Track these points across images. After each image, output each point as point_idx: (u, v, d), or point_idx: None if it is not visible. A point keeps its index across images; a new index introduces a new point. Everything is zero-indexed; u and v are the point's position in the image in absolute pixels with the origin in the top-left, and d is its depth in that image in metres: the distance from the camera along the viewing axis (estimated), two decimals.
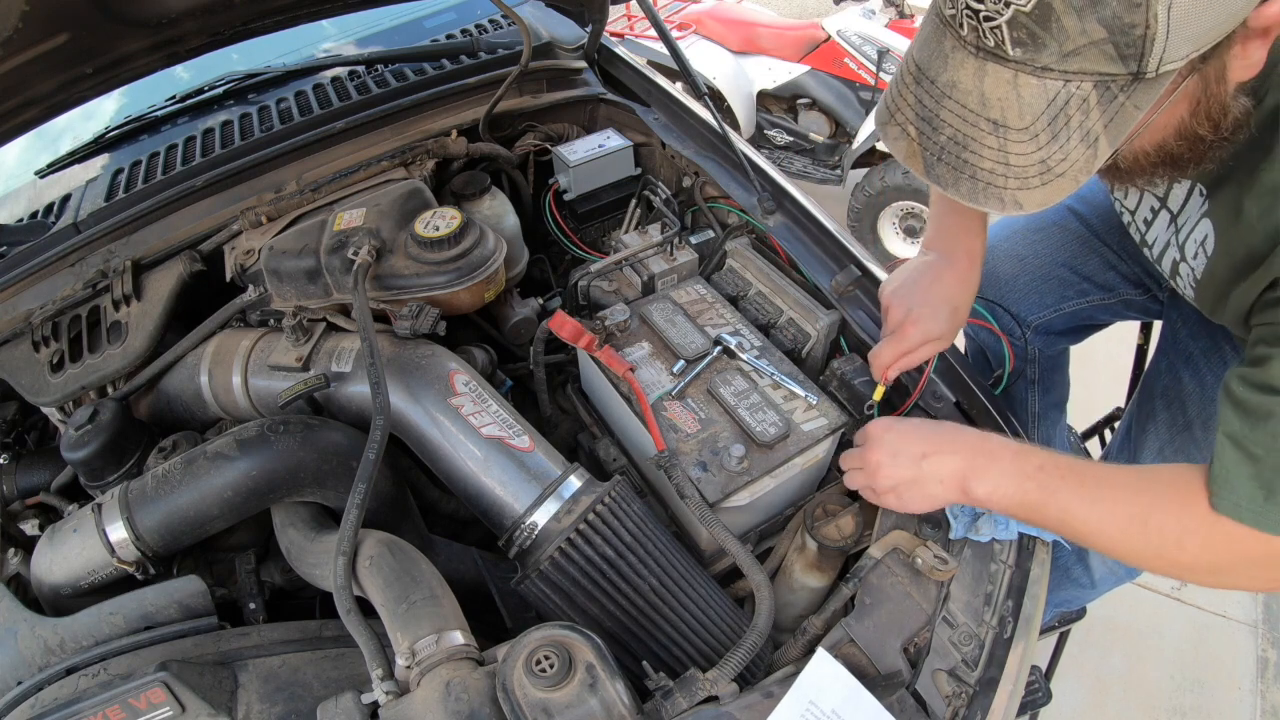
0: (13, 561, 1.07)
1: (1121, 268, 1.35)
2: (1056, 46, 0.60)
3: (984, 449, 0.93)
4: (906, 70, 0.72)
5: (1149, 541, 0.82)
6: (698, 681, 0.79)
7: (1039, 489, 0.88)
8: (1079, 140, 0.64)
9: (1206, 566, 0.81)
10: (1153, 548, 0.82)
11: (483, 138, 1.53)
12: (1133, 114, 0.63)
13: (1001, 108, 0.65)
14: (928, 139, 0.70)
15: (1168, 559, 0.83)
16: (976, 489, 0.91)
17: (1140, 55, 0.59)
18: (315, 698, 0.79)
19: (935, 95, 0.69)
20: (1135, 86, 0.62)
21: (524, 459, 0.96)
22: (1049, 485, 0.88)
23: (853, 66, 3.35)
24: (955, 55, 0.66)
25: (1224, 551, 0.79)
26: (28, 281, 1.29)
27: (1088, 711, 2.01)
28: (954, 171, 0.69)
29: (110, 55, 1.08)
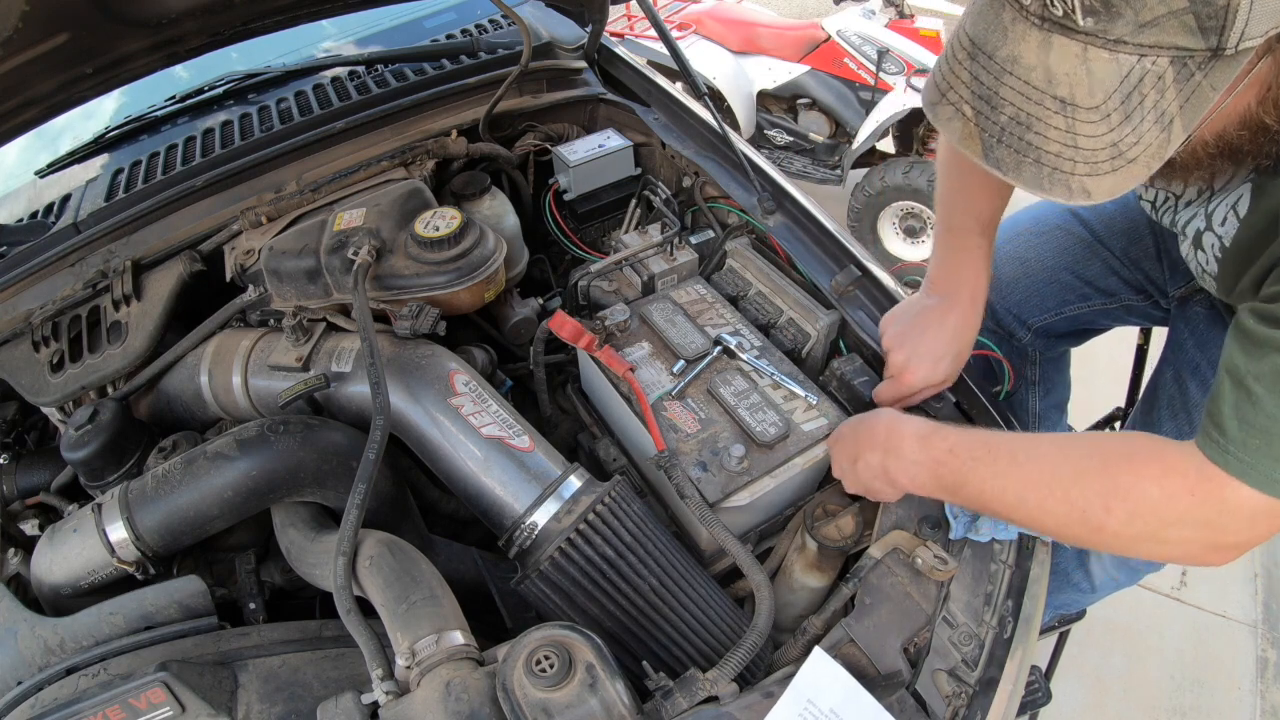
0: (13, 561, 1.07)
1: (1124, 273, 1.34)
2: (1133, 16, 0.56)
3: (891, 443, 0.94)
4: (958, 45, 0.67)
5: (1072, 508, 0.80)
6: (698, 681, 0.79)
7: (952, 472, 0.89)
8: (1153, 122, 0.60)
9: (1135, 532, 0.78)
10: (1076, 514, 0.80)
11: (483, 138, 1.53)
12: (1209, 95, 0.59)
13: (1070, 84, 0.60)
14: (986, 119, 0.65)
15: (1092, 524, 0.80)
16: (899, 480, 0.93)
17: (1221, 29, 0.55)
18: (315, 698, 0.79)
19: (994, 71, 0.64)
20: (1213, 65, 0.58)
21: (524, 459, 0.96)
22: (961, 467, 0.88)
23: (853, 66, 3.35)
24: (1016, 28, 0.61)
25: (1165, 507, 0.76)
26: (28, 281, 1.29)
27: (1088, 711, 2.01)
28: (1016, 155, 0.65)
29: (110, 55, 1.08)
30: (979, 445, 0.89)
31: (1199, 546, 0.78)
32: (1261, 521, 0.73)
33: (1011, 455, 0.86)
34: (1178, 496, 0.75)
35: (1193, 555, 0.80)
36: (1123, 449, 0.81)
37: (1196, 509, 0.75)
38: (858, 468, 0.98)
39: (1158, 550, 0.81)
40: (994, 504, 0.87)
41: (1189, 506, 0.75)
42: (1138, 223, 1.32)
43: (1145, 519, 0.77)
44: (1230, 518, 0.74)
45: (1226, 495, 0.73)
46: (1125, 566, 1.35)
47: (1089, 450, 0.82)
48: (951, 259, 1.13)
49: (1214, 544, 0.77)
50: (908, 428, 0.95)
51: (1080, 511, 0.80)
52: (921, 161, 3.17)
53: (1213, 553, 0.78)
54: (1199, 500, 0.74)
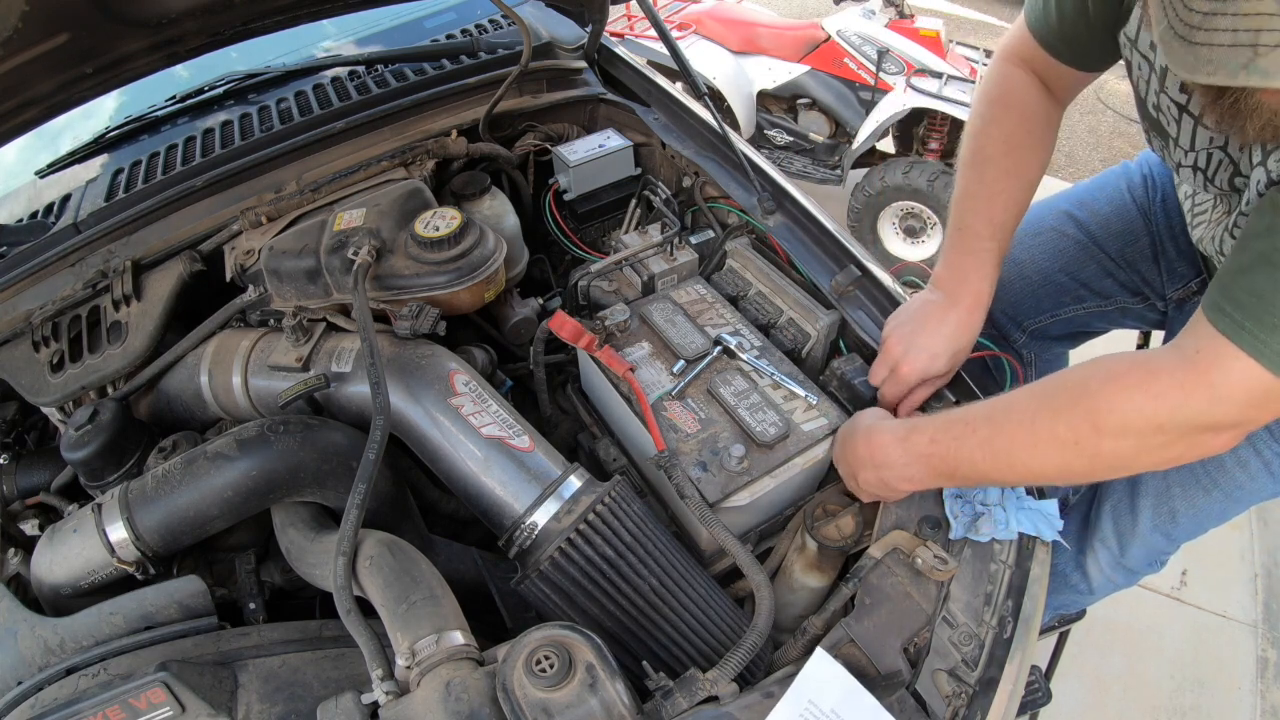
0: (13, 561, 1.07)
1: (1119, 275, 1.34)
2: None
3: (876, 456, 0.97)
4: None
5: (1063, 444, 0.80)
6: (698, 681, 0.79)
7: (942, 460, 0.91)
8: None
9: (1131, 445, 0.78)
10: (1070, 447, 0.80)
11: (483, 138, 1.53)
12: None
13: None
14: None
15: (1087, 452, 0.80)
16: (900, 487, 0.96)
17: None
18: (315, 698, 0.79)
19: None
20: None
21: (524, 459, 0.96)
22: (948, 453, 0.90)
23: (853, 66, 3.36)
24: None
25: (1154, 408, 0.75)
26: (28, 281, 1.29)
27: (1088, 711, 2.01)
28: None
29: (110, 55, 1.08)
30: (957, 424, 0.90)
31: (1201, 435, 0.77)
32: (1259, 399, 0.73)
33: (990, 420, 0.87)
34: (1165, 394, 0.76)
35: (1198, 447, 0.79)
36: (1097, 371, 0.81)
37: (1187, 400, 0.75)
38: (860, 484, 1.01)
39: (1164, 456, 0.80)
40: (994, 473, 0.88)
41: (1179, 401, 0.75)
42: (1133, 225, 1.32)
43: (1138, 427, 0.77)
44: (1226, 397, 0.74)
45: (1224, 373, 0.73)
46: (1122, 568, 1.35)
47: (1063, 384, 0.83)
48: (959, 259, 1.13)
49: (1214, 429, 0.77)
50: (885, 436, 0.97)
51: (1072, 443, 0.80)
52: (921, 161, 3.17)
53: (1214, 436, 0.78)
54: (1188, 390, 0.74)
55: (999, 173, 1.14)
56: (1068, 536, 1.40)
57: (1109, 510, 1.30)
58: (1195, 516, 1.21)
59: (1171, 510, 1.21)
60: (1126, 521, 1.27)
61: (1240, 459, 1.12)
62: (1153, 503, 1.23)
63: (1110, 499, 1.30)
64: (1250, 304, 0.72)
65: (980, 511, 0.97)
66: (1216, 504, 1.18)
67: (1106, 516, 1.30)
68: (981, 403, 0.92)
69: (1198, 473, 1.16)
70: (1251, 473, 1.12)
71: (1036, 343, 1.47)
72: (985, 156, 1.15)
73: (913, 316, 1.12)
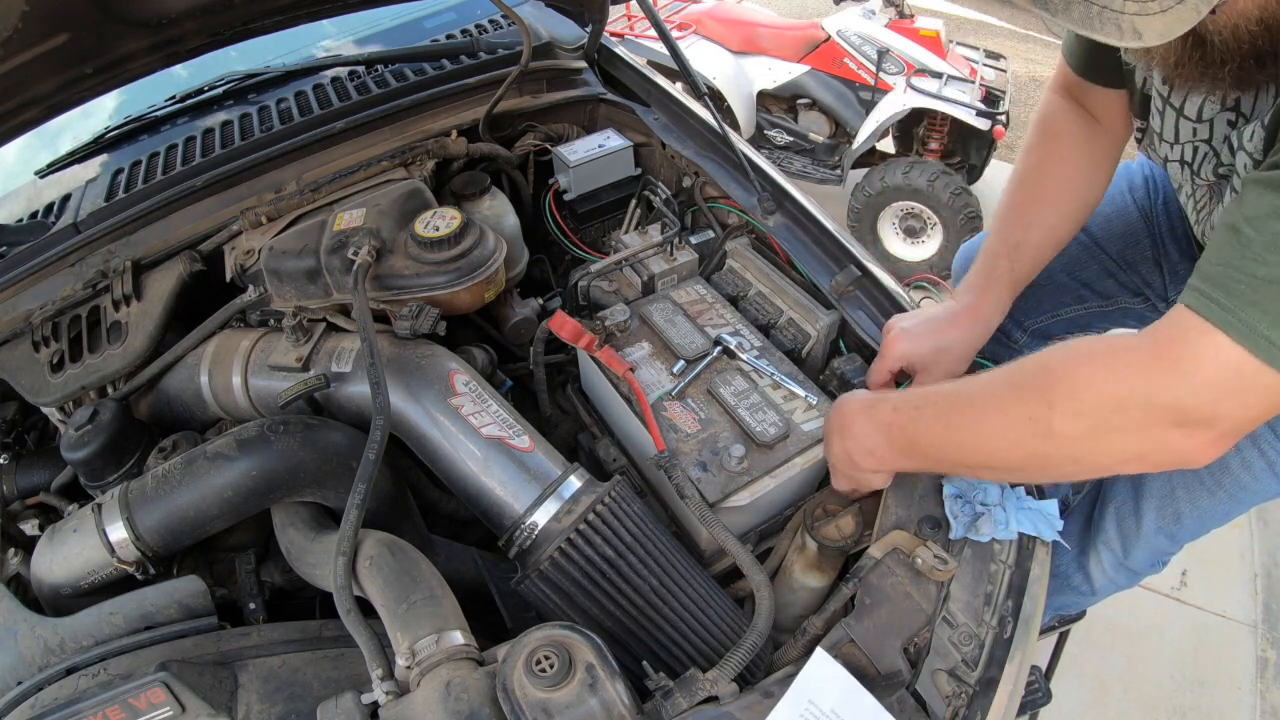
0: (13, 561, 1.07)
1: (1120, 276, 1.35)
2: None
3: (844, 426, 0.94)
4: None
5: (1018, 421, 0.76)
6: (698, 681, 0.79)
7: (901, 431, 0.88)
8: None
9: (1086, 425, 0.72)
10: (1025, 425, 0.76)
11: (483, 138, 1.53)
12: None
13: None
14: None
15: (1041, 430, 0.75)
16: (863, 461, 0.93)
17: None
18: (315, 698, 0.79)
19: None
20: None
21: (524, 459, 0.96)
22: (908, 424, 0.87)
23: (853, 66, 3.36)
24: None
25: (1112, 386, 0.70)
26: (28, 281, 1.29)
27: (1088, 711, 2.01)
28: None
29: (110, 55, 1.08)
30: (920, 397, 0.88)
31: (1164, 425, 0.70)
32: (1231, 383, 0.66)
33: (953, 393, 0.85)
34: (1126, 372, 0.71)
35: (1163, 443, 0.71)
36: (1063, 348, 0.77)
37: (1151, 379, 0.69)
38: (833, 459, 0.99)
39: (1122, 447, 0.73)
40: (951, 450, 0.85)
41: (1141, 380, 0.69)
42: (1134, 226, 1.32)
43: (1094, 405, 0.72)
44: (1193, 377, 0.67)
45: (1189, 348, 0.67)
46: (1125, 569, 1.35)
47: (1029, 361, 0.79)
48: (973, 274, 1.15)
49: (1180, 417, 0.69)
50: (853, 404, 0.95)
51: (1026, 419, 0.76)
52: (921, 161, 3.17)
53: (1181, 432, 0.69)
54: (1150, 366, 0.69)
55: (1024, 195, 1.15)
56: (1070, 538, 1.40)
57: (1112, 512, 1.30)
58: (1199, 517, 1.21)
59: (1176, 511, 1.21)
60: (1130, 523, 1.27)
61: (1245, 459, 1.11)
62: (1157, 504, 1.23)
63: (1114, 500, 1.30)
64: (1217, 274, 0.68)
65: (980, 511, 0.97)
66: (1220, 504, 1.18)
67: (1110, 518, 1.30)
68: (951, 381, 0.89)
69: (1201, 473, 1.16)
70: (1256, 473, 1.12)
71: (1037, 343, 1.47)
72: (1017, 179, 1.17)
73: (914, 316, 1.13)
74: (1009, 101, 3.12)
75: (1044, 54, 5.63)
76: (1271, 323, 0.64)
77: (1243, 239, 0.67)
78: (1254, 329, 0.64)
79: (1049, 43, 5.77)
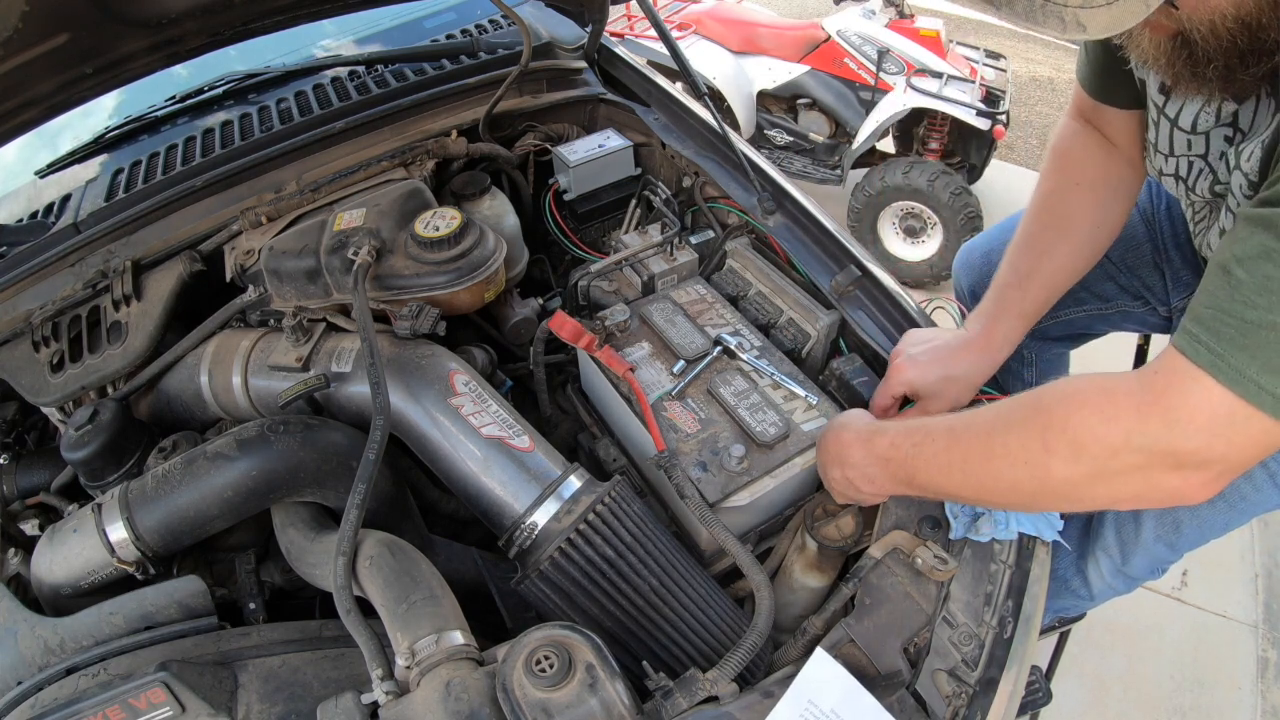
0: (13, 561, 1.07)
1: (1120, 279, 1.34)
2: None
3: (842, 454, 0.95)
4: None
5: (1014, 461, 0.76)
6: (698, 681, 0.79)
7: (900, 466, 0.88)
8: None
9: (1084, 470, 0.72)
10: (1020, 466, 0.75)
11: (483, 138, 1.53)
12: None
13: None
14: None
15: (1038, 473, 0.75)
16: (863, 487, 0.94)
17: None
18: (315, 698, 0.79)
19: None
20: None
21: (524, 459, 0.96)
22: (905, 459, 0.88)
23: (853, 66, 3.36)
24: None
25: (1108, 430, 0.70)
26: (28, 281, 1.29)
27: (1088, 711, 2.01)
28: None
29: (110, 55, 1.08)
30: (917, 431, 0.88)
31: (1160, 469, 0.70)
32: (1222, 425, 0.66)
33: (949, 430, 0.85)
34: (1119, 415, 0.70)
35: (1159, 485, 0.71)
36: (1059, 390, 0.77)
37: (1145, 425, 0.69)
38: (831, 482, 1.00)
39: (1119, 489, 0.73)
40: (946, 484, 0.85)
41: (1135, 425, 0.69)
42: (1135, 230, 1.32)
43: (1091, 450, 0.72)
44: (1184, 421, 0.67)
45: (1181, 393, 0.67)
46: (1124, 576, 1.35)
47: (1024, 402, 0.79)
48: (985, 302, 1.14)
49: (1174, 461, 0.69)
50: (850, 434, 0.95)
51: (1023, 462, 0.76)
52: (921, 161, 3.17)
53: (1177, 474, 0.69)
54: (1143, 412, 0.69)
55: (1039, 224, 1.14)
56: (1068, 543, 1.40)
57: (1112, 519, 1.30)
58: (1199, 527, 1.20)
59: (1175, 520, 1.21)
60: (1130, 530, 1.27)
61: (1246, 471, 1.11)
62: (1156, 513, 1.22)
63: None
64: (1208, 317, 0.67)
65: (980, 512, 0.97)
66: (1221, 515, 1.17)
67: (1109, 525, 1.30)
68: (948, 415, 0.89)
69: None
70: (1257, 484, 1.11)
71: (1037, 343, 1.47)
72: (1032, 208, 1.16)
73: (923, 342, 1.11)
74: (1009, 101, 3.12)
75: (1044, 54, 5.63)
76: (1261, 368, 0.64)
77: (1233, 281, 0.66)
78: (1243, 374, 0.64)
79: (1049, 43, 5.77)
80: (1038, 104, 4.99)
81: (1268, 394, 0.63)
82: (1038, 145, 4.55)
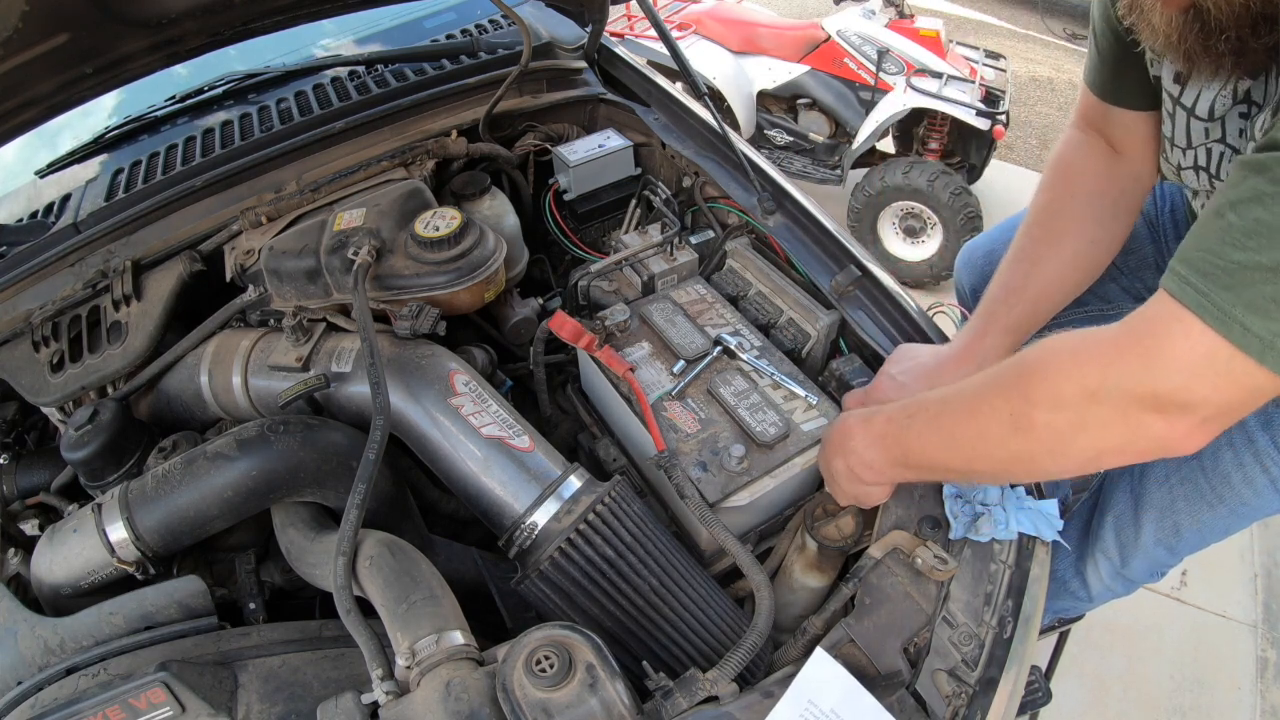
0: (13, 561, 1.07)
1: (1121, 280, 1.34)
2: None
3: (844, 441, 0.95)
4: None
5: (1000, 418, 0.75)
6: (698, 681, 0.79)
7: (894, 441, 0.89)
8: None
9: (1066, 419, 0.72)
10: (1005, 421, 0.75)
11: (483, 138, 1.53)
12: None
13: None
14: None
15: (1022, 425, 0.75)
16: (863, 474, 0.93)
17: None
18: (315, 698, 0.79)
19: None
20: None
21: (524, 459, 0.96)
22: (900, 432, 0.88)
23: (853, 66, 3.35)
24: None
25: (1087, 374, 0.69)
26: (28, 281, 1.29)
27: (1088, 711, 2.01)
28: None
29: (110, 55, 1.08)
30: (911, 404, 0.89)
31: (1141, 411, 0.68)
32: (1203, 368, 0.65)
33: (941, 399, 0.85)
34: (1098, 358, 0.70)
35: (1143, 431, 0.69)
36: (1042, 344, 0.77)
37: (1123, 363, 0.68)
38: (835, 477, 0.99)
39: (1102, 437, 0.72)
40: (940, 454, 0.85)
41: (1113, 364, 0.69)
42: (1138, 232, 1.32)
43: (1070, 395, 0.71)
44: (1164, 359, 0.66)
45: (1162, 332, 0.66)
46: (1122, 578, 1.35)
47: (1010, 361, 0.80)
48: (974, 319, 1.13)
49: (1155, 402, 0.67)
50: (853, 418, 0.96)
51: (1007, 415, 0.76)
52: (921, 161, 3.17)
53: (1160, 418, 0.67)
54: (1123, 353, 0.69)
55: (1031, 238, 1.13)
56: (1068, 543, 1.40)
57: (1111, 521, 1.29)
58: (1199, 531, 1.20)
59: (1175, 524, 1.20)
60: (1129, 533, 1.27)
61: (1247, 475, 1.10)
62: (1156, 516, 1.22)
63: (1113, 510, 1.29)
64: (1196, 259, 0.66)
65: (980, 512, 0.97)
66: (1221, 519, 1.17)
67: (1109, 527, 1.30)
68: (941, 388, 0.89)
69: (1203, 487, 1.15)
70: (1257, 489, 1.10)
71: None
72: (1026, 222, 1.14)
73: (906, 360, 1.11)
74: (1009, 101, 3.11)
75: (1044, 54, 5.63)
76: (1246, 308, 0.62)
77: (1224, 223, 0.65)
78: (1227, 313, 0.63)
79: (1049, 43, 5.77)
80: (1038, 104, 5.00)
81: (1253, 335, 0.62)
82: (1038, 145, 4.55)
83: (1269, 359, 0.62)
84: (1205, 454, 1.14)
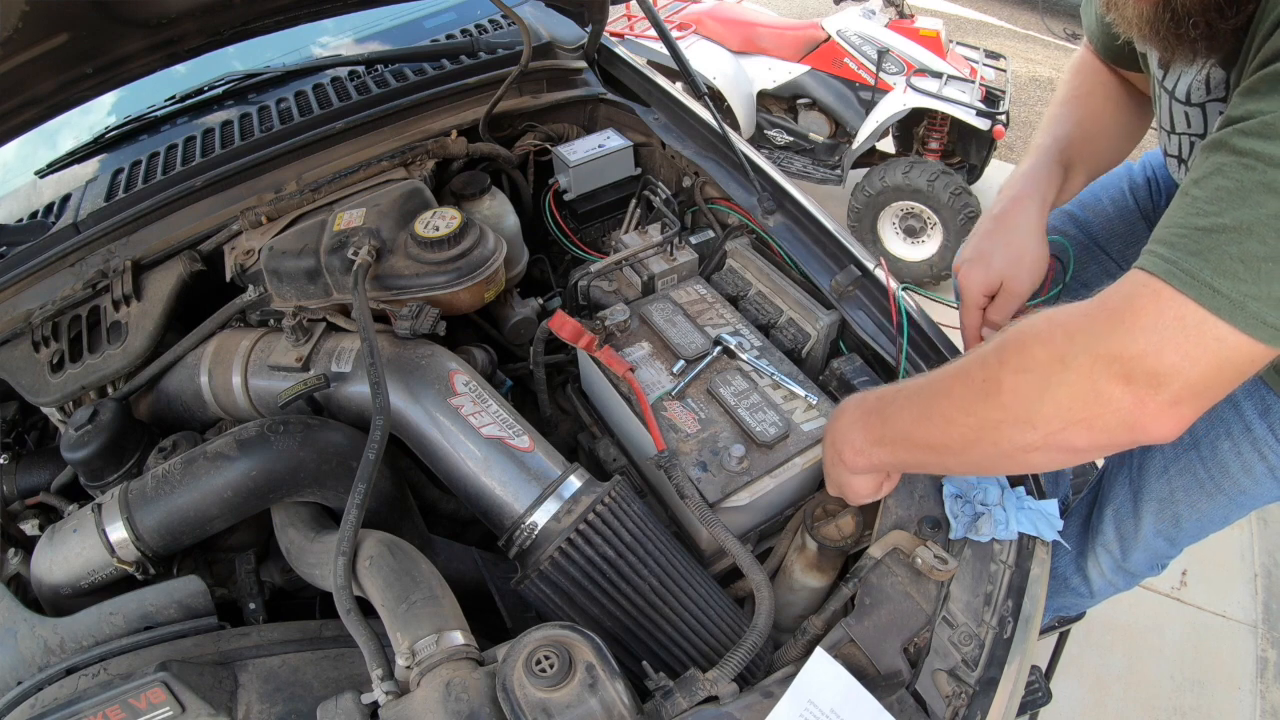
0: (13, 561, 1.07)
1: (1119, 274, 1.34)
2: None
3: (836, 424, 0.95)
4: None
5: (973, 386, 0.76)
6: (698, 681, 0.79)
7: (878, 420, 0.89)
8: None
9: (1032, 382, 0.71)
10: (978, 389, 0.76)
11: (483, 138, 1.53)
12: None
13: None
14: None
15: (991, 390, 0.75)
16: (853, 460, 0.92)
17: None
18: (315, 698, 0.79)
19: None
20: None
21: (524, 459, 0.96)
22: (884, 409, 0.88)
23: (853, 66, 3.36)
24: None
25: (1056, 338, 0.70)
26: (28, 281, 1.29)
27: (1088, 711, 2.01)
28: None
29: (110, 55, 1.08)
30: (896, 384, 0.91)
31: (1106, 378, 0.66)
32: (1172, 332, 0.64)
33: (925, 377, 0.86)
34: (1067, 322, 0.71)
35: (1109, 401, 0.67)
36: (1023, 319, 0.78)
37: (1091, 324, 0.68)
38: (827, 466, 0.99)
39: (1068, 404, 0.70)
40: (918, 429, 0.85)
41: (1081, 333, 0.69)
42: (1136, 227, 1.32)
43: (1039, 361, 0.71)
44: (1132, 323, 0.65)
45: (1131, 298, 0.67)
46: (1124, 572, 1.35)
47: (990, 339, 0.81)
48: (1022, 170, 1.13)
49: (1122, 369, 0.66)
50: (851, 399, 0.96)
51: (981, 382, 0.76)
52: (921, 161, 3.17)
53: (1128, 389, 0.66)
54: (1091, 317, 0.69)
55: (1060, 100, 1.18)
56: (1068, 540, 1.40)
57: (1111, 514, 1.30)
58: (1199, 521, 1.20)
59: (1175, 515, 1.21)
60: (1129, 526, 1.27)
61: (1245, 463, 1.11)
62: (1156, 507, 1.22)
63: (1112, 503, 1.29)
64: (1165, 234, 0.68)
65: (980, 511, 0.97)
66: (1220, 508, 1.17)
67: (1109, 521, 1.30)
68: (925, 372, 0.91)
69: (1201, 477, 1.16)
70: (1256, 477, 1.11)
71: None
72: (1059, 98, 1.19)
73: (968, 244, 1.11)
74: (1009, 101, 3.11)
75: (1044, 54, 5.63)
76: (1215, 271, 0.62)
77: (1188, 199, 0.67)
78: (1195, 276, 0.63)
79: (1049, 43, 5.77)
80: (1038, 104, 4.99)
81: (1222, 296, 0.62)
82: None
83: (1239, 319, 0.62)
84: (1203, 444, 1.15)
